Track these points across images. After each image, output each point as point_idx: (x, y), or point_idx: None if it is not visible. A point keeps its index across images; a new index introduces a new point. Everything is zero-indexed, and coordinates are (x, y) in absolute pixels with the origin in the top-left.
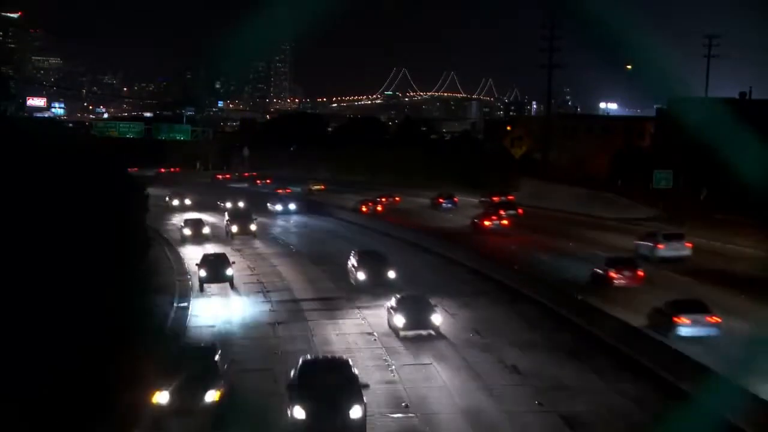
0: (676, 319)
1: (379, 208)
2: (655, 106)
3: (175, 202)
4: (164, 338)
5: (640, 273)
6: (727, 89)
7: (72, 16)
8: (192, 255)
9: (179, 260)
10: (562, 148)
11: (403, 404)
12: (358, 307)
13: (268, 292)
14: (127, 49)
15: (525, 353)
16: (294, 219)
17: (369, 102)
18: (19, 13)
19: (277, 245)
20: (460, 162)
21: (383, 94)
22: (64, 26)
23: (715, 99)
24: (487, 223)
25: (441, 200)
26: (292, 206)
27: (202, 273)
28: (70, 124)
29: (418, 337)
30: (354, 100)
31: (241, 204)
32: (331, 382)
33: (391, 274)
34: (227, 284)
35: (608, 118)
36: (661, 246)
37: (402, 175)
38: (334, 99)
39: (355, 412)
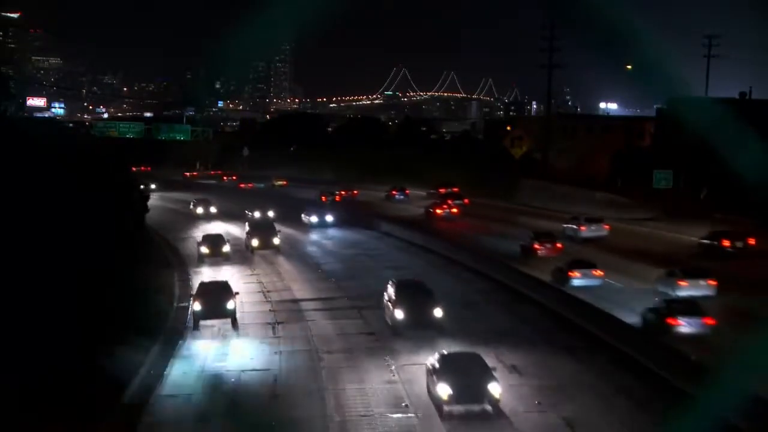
0: (570, 273)
1: (336, 198)
2: (655, 106)
3: (200, 210)
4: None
5: (559, 245)
6: (727, 89)
7: (72, 16)
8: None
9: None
10: (562, 148)
11: (403, 404)
12: (389, 359)
13: (277, 336)
14: (127, 49)
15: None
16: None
17: (369, 102)
18: (19, 13)
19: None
20: (460, 162)
21: (383, 94)
22: (64, 26)
23: (715, 99)
24: (439, 211)
25: (394, 192)
26: (329, 218)
27: (197, 306)
28: (70, 124)
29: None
30: (354, 100)
31: (265, 213)
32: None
33: (438, 313)
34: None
35: (608, 118)
36: (583, 228)
37: (402, 174)
38: (334, 99)
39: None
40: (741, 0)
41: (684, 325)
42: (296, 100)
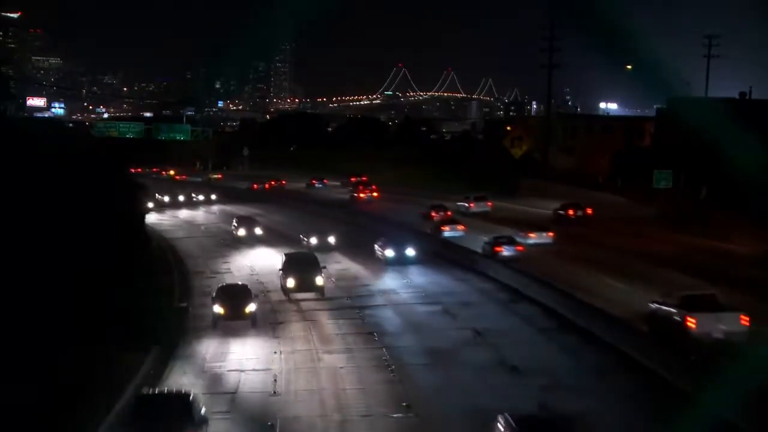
0: (441, 227)
1: (266, 186)
2: (655, 106)
3: (241, 233)
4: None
5: (449, 213)
6: (727, 89)
7: (72, 16)
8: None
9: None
10: (562, 148)
11: (403, 404)
12: (389, 359)
13: (277, 336)
14: (127, 49)
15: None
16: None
17: (369, 102)
18: (19, 13)
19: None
20: (460, 161)
21: (383, 94)
22: (64, 26)
23: (715, 99)
24: (362, 195)
25: (314, 182)
26: (410, 252)
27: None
28: (70, 124)
29: None
30: (354, 100)
31: (324, 239)
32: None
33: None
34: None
35: (608, 118)
36: (471, 204)
37: (401, 174)
38: (334, 99)
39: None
40: (741, 0)
41: (504, 251)
42: (296, 100)
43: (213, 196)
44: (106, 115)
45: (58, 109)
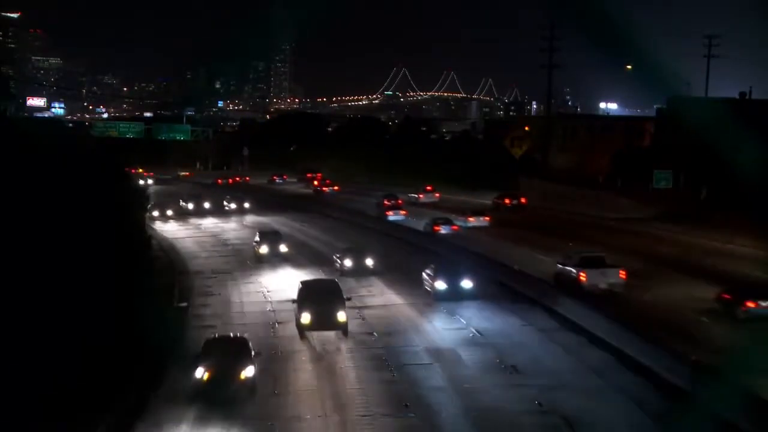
0: (387, 212)
1: (230, 181)
2: (655, 106)
3: (263, 250)
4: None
5: (400, 202)
6: (727, 89)
7: (72, 16)
8: None
9: None
10: (562, 148)
11: (403, 404)
12: (388, 359)
13: (277, 336)
14: (127, 49)
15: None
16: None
17: (369, 102)
18: (19, 13)
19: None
20: (460, 161)
21: (383, 94)
22: (64, 26)
23: (715, 99)
24: (326, 189)
25: (275, 177)
26: (466, 284)
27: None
28: (70, 124)
29: None
30: (354, 100)
31: (360, 259)
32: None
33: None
34: None
35: (608, 118)
36: (421, 195)
37: (401, 174)
38: (334, 99)
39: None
40: (741, 0)
41: (441, 230)
42: (296, 100)
43: (246, 205)
44: (106, 115)
45: (58, 109)
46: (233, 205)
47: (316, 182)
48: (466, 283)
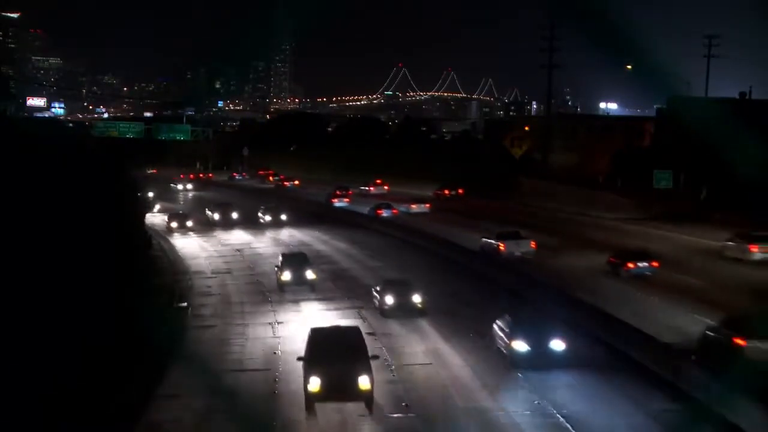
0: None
1: (191, 177)
2: (655, 106)
3: (286, 277)
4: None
5: (350, 192)
6: (727, 89)
7: (72, 16)
8: None
9: None
10: (562, 148)
11: (403, 404)
12: (389, 359)
13: (277, 336)
14: (127, 49)
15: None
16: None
17: (369, 102)
18: (19, 13)
19: None
20: (460, 161)
21: (383, 94)
22: (64, 26)
23: (714, 99)
24: (287, 183)
25: (235, 174)
26: (557, 345)
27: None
28: (70, 124)
29: None
30: (354, 100)
31: (406, 295)
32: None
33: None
34: None
35: (608, 118)
36: (372, 188)
37: (401, 173)
38: (334, 99)
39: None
40: (741, 0)
41: (383, 214)
42: (296, 100)
43: (283, 217)
44: (106, 115)
45: (58, 109)
46: (268, 217)
47: (270, 177)
48: (557, 345)
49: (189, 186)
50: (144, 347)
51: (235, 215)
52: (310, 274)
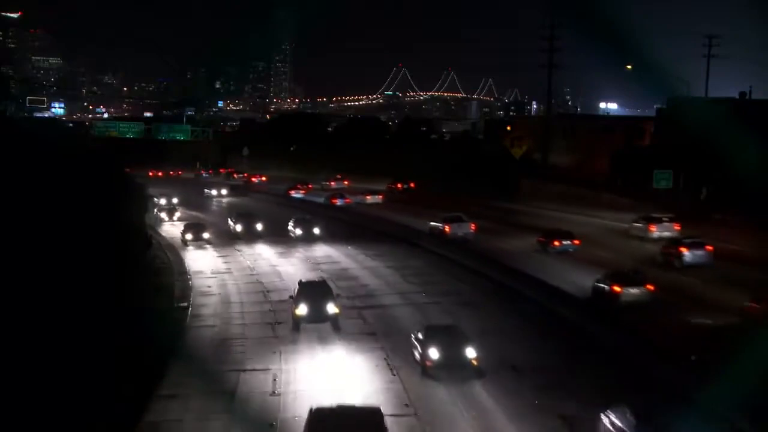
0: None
1: (160, 174)
2: (655, 106)
3: (302, 311)
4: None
5: (311, 186)
6: (727, 89)
7: (72, 16)
8: None
9: None
10: (562, 148)
11: (403, 404)
12: (389, 359)
13: (277, 336)
14: (127, 49)
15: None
16: None
17: (369, 102)
18: (19, 13)
19: None
20: (460, 161)
21: (383, 94)
22: (64, 26)
23: (715, 99)
24: (254, 180)
25: (202, 172)
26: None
27: None
28: (70, 124)
29: None
30: (354, 100)
31: (458, 342)
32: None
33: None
34: None
35: (608, 118)
36: (332, 183)
37: (402, 173)
38: (334, 99)
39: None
40: (741, 0)
41: (337, 202)
42: (296, 100)
43: (316, 230)
44: (106, 115)
45: (58, 109)
46: (299, 231)
47: (235, 174)
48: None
49: (224, 191)
50: (144, 347)
51: (260, 227)
52: (331, 308)
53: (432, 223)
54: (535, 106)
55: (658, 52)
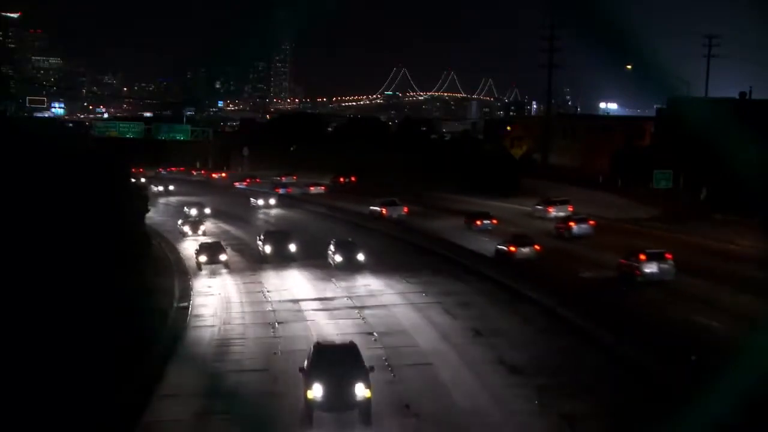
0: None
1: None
2: (655, 106)
3: (316, 394)
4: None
5: (253, 179)
6: (727, 89)
7: (72, 16)
8: None
9: None
10: (562, 148)
11: (403, 404)
12: (389, 359)
13: (277, 336)
14: (127, 49)
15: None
16: None
17: (369, 102)
18: (19, 13)
19: None
20: (461, 162)
21: (383, 94)
22: (64, 26)
23: (715, 99)
24: (215, 175)
25: (161, 170)
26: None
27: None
28: (70, 124)
29: None
30: (354, 100)
31: None
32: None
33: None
34: None
35: (608, 118)
36: (283, 177)
37: (402, 173)
38: (334, 99)
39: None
40: (741, 0)
41: (280, 191)
42: (296, 100)
43: (360, 257)
44: (106, 115)
45: (58, 109)
46: (338, 258)
47: (204, 171)
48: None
49: (272, 201)
50: (144, 347)
51: (293, 248)
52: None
53: (372, 207)
54: (535, 106)
55: (658, 52)
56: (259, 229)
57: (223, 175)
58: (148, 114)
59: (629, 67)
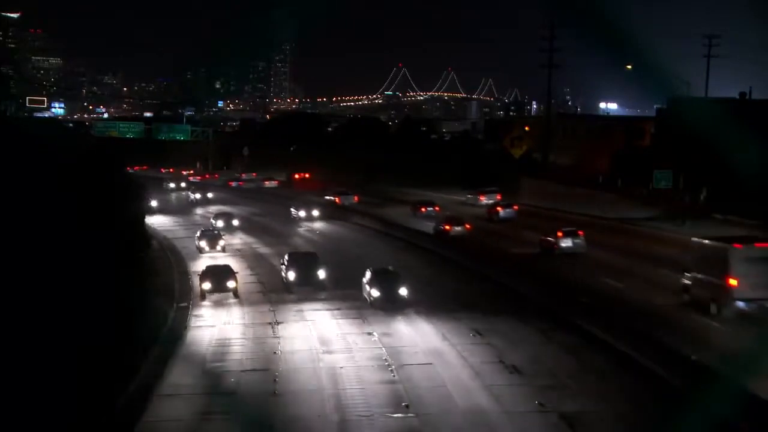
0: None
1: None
2: (655, 106)
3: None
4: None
5: (216, 176)
6: (727, 89)
7: (72, 16)
8: None
9: None
10: (562, 148)
11: (403, 404)
12: (389, 359)
13: (277, 336)
14: (127, 48)
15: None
16: None
17: (369, 102)
18: (19, 13)
19: None
20: (461, 162)
21: (383, 94)
22: (64, 26)
23: (714, 99)
24: (198, 177)
25: (183, 171)
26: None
27: None
28: (70, 124)
29: None
30: (354, 100)
31: None
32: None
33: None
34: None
35: (608, 118)
36: (254, 174)
37: (402, 172)
38: (334, 99)
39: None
40: (741, 0)
41: (233, 184)
42: (296, 100)
43: (403, 291)
44: (106, 115)
45: (58, 109)
46: (376, 293)
47: (171, 170)
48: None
49: (315, 212)
50: (144, 347)
51: (322, 274)
52: None
53: (326, 197)
54: (535, 106)
55: (658, 52)
56: (292, 246)
57: (206, 176)
58: (148, 114)
59: (629, 67)
